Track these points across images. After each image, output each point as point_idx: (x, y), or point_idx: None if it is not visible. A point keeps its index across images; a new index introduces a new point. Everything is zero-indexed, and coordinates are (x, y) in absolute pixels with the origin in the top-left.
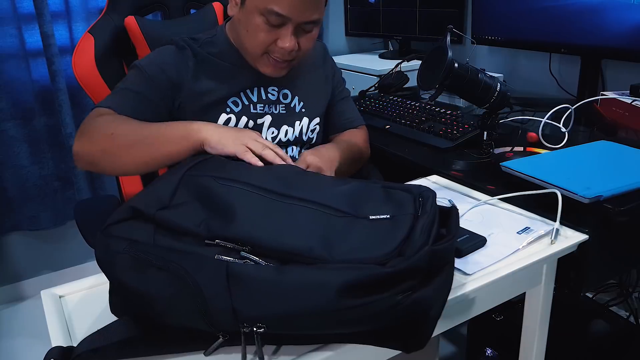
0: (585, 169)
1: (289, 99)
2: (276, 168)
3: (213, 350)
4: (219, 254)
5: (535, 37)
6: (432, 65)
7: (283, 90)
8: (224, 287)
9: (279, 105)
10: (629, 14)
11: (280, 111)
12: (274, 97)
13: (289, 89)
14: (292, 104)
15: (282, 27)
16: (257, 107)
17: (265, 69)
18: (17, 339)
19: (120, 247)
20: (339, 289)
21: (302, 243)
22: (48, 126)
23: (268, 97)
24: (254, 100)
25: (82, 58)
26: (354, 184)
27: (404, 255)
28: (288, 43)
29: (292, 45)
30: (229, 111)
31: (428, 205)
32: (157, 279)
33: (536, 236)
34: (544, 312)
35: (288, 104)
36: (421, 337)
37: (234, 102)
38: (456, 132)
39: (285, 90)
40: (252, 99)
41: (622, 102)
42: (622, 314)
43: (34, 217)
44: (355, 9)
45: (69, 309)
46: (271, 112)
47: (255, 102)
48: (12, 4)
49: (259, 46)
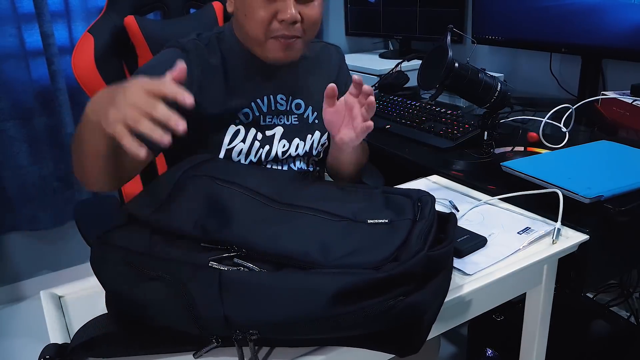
0: (586, 169)
1: (302, 109)
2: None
3: (203, 353)
4: (212, 260)
5: (536, 37)
6: (432, 65)
7: (296, 100)
8: (216, 295)
9: (291, 116)
10: (630, 13)
11: (293, 122)
12: (283, 106)
13: (302, 99)
14: (305, 114)
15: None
16: (266, 119)
17: (275, 53)
18: (16, 339)
19: (115, 256)
20: (333, 295)
21: (298, 247)
22: (48, 126)
23: (277, 107)
24: (264, 111)
25: (81, 58)
26: (353, 189)
27: (400, 260)
28: (288, 14)
29: (293, 16)
30: (238, 122)
31: (426, 211)
32: (150, 287)
33: (537, 236)
34: (545, 312)
35: (301, 115)
36: (415, 341)
37: (245, 113)
38: (456, 132)
39: (299, 100)
40: (263, 109)
41: (623, 102)
42: (622, 314)
43: (34, 217)
44: (355, 8)
45: (68, 309)
46: (282, 123)
47: (265, 112)
48: (12, 4)
49: (260, 26)
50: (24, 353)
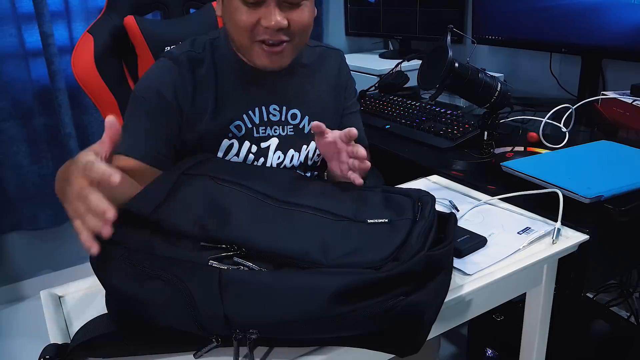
0: (585, 169)
1: (297, 119)
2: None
3: (204, 353)
4: (212, 259)
5: (536, 37)
6: (432, 64)
7: (292, 110)
8: (216, 294)
9: (287, 127)
10: (630, 13)
11: (289, 133)
12: (276, 117)
13: (298, 108)
14: (301, 124)
15: (262, 5)
16: (259, 130)
17: (261, 60)
18: (16, 339)
19: (115, 254)
20: (333, 294)
21: (298, 247)
22: (47, 126)
23: (270, 118)
24: (256, 123)
25: (81, 58)
26: (354, 189)
27: (400, 260)
28: (272, 21)
29: (277, 23)
30: (231, 136)
31: (426, 211)
32: (149, 286)
33: (537, 236)
34: (545, 312)
35: (296, 125)
36: (415, 341)
37: (237, 126)
38: (456, 132)
39: (294, 110)
40: (255, 120)
41: (623, 102)
42: (622, 314)
43: (34, 216)
44: (355, 8)
45: (68, 309)
46: (277, 134)
47: (257, 124)
48: (12, 4)
49: (244, 31)
50: (24, 353)
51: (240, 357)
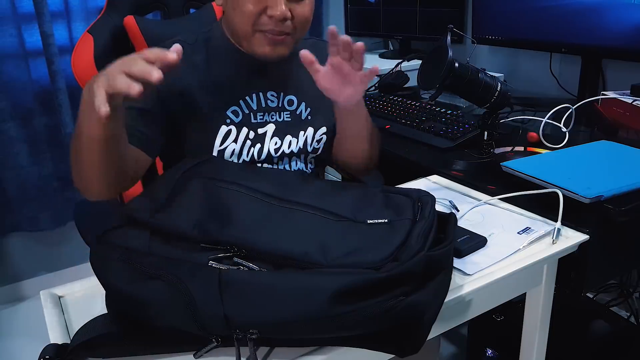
0: (585, 169)
1: (294, 105)
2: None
3: (204, 353)
4: (212, 260)
5: (536, 37)
6: (432, 64)
7: (288, 96)
8: (216, 295)
9: (283, 113)
10: (630, 13)
11: (285, 119)
12: (274, 103)
13: (295, 95)
14: (298, 110)
15: None
16: (257, 116)
17: (261, 48)
18: (16, 339)
19: (115, 255)
20: (333, 295)
21: (297, 247)
22: (48, 126)
23: (267, 104)
24: (254, 109)
25: (81, 58)
26: (354, 189)
27: (400, 260)
28: (279, 11)
29: (283, 12)
30: (229, 122)
31: (426, 211)
32: (150, 286)
33: (537, 236)
34: (545, 312)
35: (294, 111)
36: (415, 341)
37: (234, 111)
38: (456, 132)
39: (291, 96)
40: (252, 106)
41: (623, 102)
42: (622, 314)
43: (34, 217)
44: (355, 8)
45: (68, 310)
46: (274, 120)
47: (255, 110)
48: (12, 4)
49: (248, 19)
50: (24, 353)
51: (242, 357)
